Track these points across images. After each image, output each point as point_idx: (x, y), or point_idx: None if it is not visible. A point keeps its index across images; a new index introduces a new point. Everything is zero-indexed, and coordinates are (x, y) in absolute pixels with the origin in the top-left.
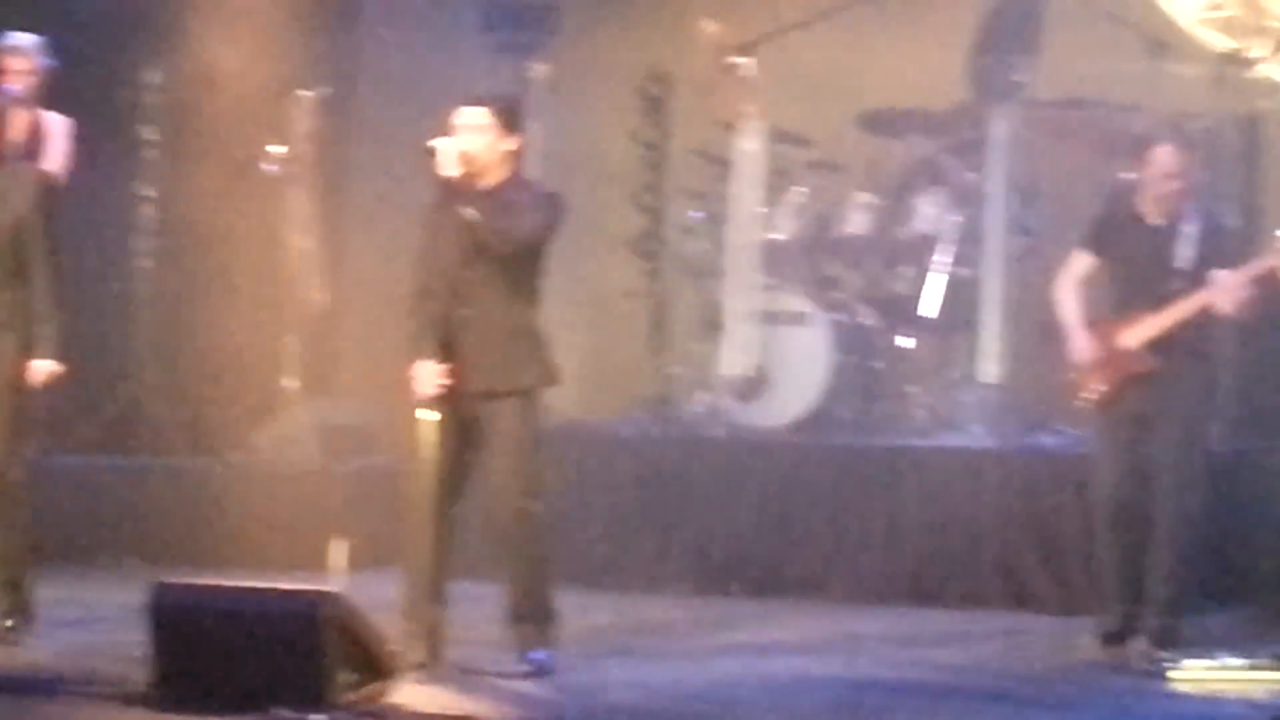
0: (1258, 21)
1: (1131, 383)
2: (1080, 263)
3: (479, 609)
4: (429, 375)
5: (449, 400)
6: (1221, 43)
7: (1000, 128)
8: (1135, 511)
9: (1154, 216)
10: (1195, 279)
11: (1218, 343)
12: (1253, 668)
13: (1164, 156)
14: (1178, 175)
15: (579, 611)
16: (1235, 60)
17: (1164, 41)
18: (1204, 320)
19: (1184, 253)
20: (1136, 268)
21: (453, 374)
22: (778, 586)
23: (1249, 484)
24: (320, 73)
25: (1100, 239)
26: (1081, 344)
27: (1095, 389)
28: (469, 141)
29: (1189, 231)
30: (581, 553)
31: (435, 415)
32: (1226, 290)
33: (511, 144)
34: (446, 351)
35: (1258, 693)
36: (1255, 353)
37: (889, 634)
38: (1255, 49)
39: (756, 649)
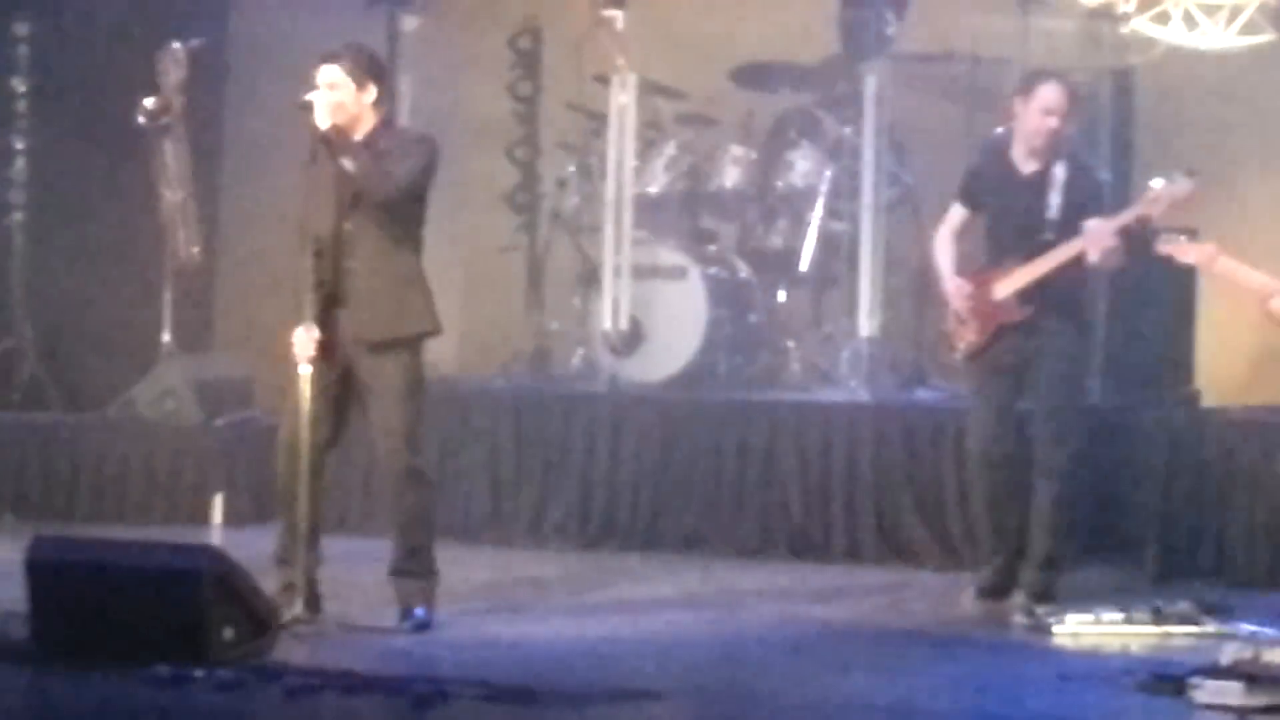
0: None
1: (1005, 333)
2: (956, 215)
3: (359, 564)
4: (305, 342)
5: (328, 353)
6: None
7: (872, 81)
8: (1011, 465)
9: (1026, 166)
10: (1067, 229)
11: (1092, 294)
12: (1130, 622)
13: (1047, 92)
14: (1057, 113)
15: (459, 567)
16: (1106, 15)
17: None
18: (1077, 271)
19: (1055, 202)
20: (1009, 218)
21: (335, 327)
22: (657, 542)
23: (1127, 439)
24: (191, 24)
25: (973, 190)
26: (955, 295)
27: (969, 340)
28: (334, 95)
29: (1060, 181)
30: (461, 508)
31: (309, 368)
32: (1095, 239)
33: (370, 94)
34: (333, 303)
35: (1136, 647)
36: (1133, 308)
37: (769, 589)
38: (1125, 4)
39: (636, 604)
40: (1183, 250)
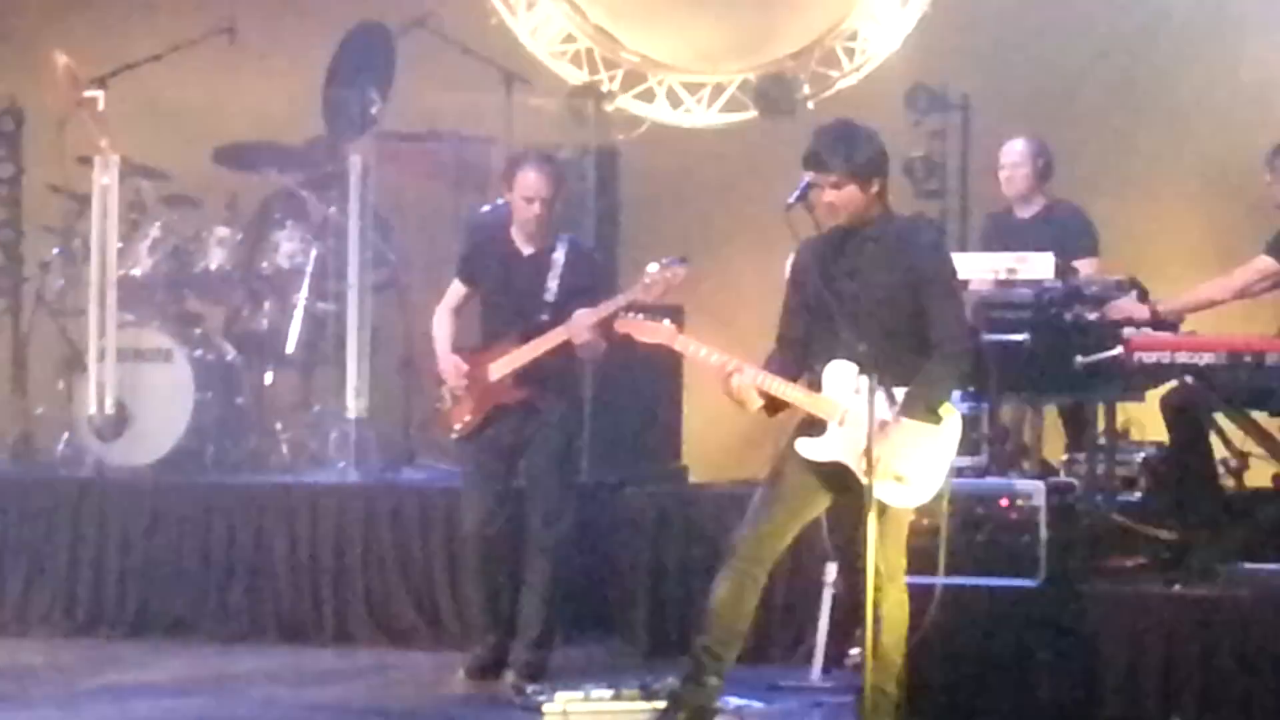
0: (613, 55)
1: (499, 414)
2: (455, 292)
3: None
4: None
5: None
6: (576, 75)
7: (356, 161)
8: (503, 544)
9: (525, 247)
10: (564, 311)
11: (583, 374)
12: (619, 699)
13: (525, 177)
14: (538, 197)
15: None
16: (590, 93)
17: (519, 74)
18: (571, 351)
19: (553, 285)
20: (506, 297)
21: None
22: (146, 627)
23: (616, 516)
24: None
25: (472, 268)
26: (450, 374)
27: (464, 420)
28: None
29: (560, 264)
30: None
31: None
32: (577, 329)
33: None
34: None
35: None
36: (622, 386)
37: (259, 673)
38: (610, 82)
39: (125, 691)
40: (640, 329)
